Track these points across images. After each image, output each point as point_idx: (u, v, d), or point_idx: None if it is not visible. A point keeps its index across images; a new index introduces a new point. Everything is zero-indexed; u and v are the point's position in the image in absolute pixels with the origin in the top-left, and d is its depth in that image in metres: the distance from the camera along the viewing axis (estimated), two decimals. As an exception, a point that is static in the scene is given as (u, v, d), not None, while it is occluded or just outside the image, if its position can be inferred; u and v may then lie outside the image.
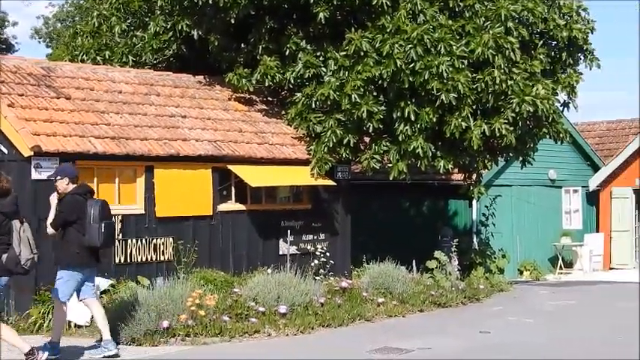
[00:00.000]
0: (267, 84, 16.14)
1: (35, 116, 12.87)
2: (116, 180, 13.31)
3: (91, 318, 10.85)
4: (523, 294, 17.78)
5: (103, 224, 9.77)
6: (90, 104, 14.10)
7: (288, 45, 15.86)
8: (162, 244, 13.68)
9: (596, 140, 28.82)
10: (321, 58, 15.76)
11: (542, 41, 16.53)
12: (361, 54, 15.04)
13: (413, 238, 20.16)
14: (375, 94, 15.21)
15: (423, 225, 21.79)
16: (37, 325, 11.53)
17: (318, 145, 15.55)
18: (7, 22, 37.68)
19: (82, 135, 12.99)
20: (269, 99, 17.23)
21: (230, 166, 14.59)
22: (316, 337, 11.94)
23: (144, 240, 13.46)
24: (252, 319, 12.01)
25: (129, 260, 13.25)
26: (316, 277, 14.54)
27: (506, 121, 15.53)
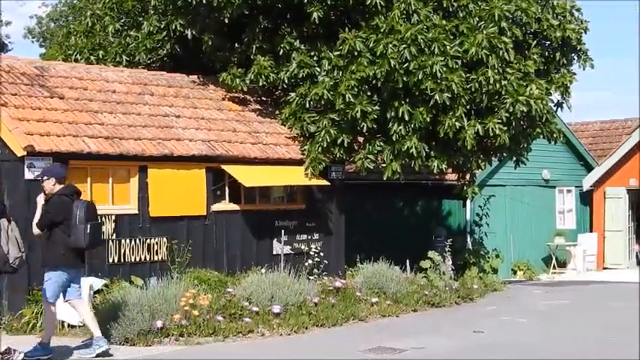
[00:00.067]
0: (261, 84, 16.15)
1: (28, 116, 12.85)
2: (110, 180, 13.29)
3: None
4: (517, 294, 17.80)
5: (88, 225, 9.75)
6: (83, 104, 14.08)
7: (282, 45, 15.87)
8: (156, 244, 13.66)
9: (590, 140, 28.86)
10: (315, 57, 15.76)
11: (535, 41, 16.55)
12: (355, 54, 15.04)
13: (407, 238, 20.18)
14: (369, 94, 15.21)
15: (416, 225, 21.81)
16: (31, 325, 11.51)
17: (312, 145, 15.54)
18: (0, 21, 37.60)
19: (75, 135, 12.97)
20: (263, 99, 17.23)
21: (224, 166, 14.58)
22: (310, 337, 11.94)
23: (137, 240, 13.44)
24: (246, 318, 12.01)
25: (122, 260, 13.23)
26: (310, 277, 14.55)
27: (500, 121, 15.54)
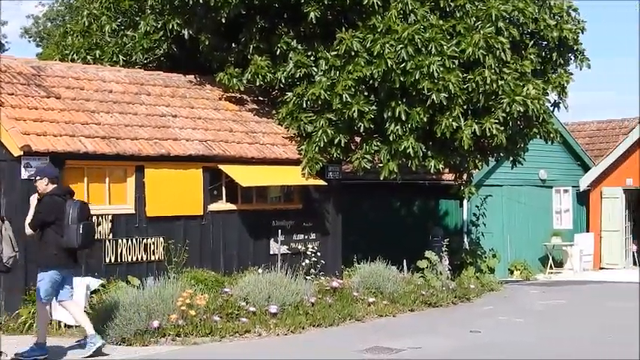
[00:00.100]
0: (258, 83, 16.14)
1: (25, 115, 12.84)
2: (106, 180, 13.28)
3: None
4: (513, 293, 17.81)
5: (81, 225, 9.74)
6: (80, 104, 14.06)
7: (279, 44, 15.86)
8: (153, 243, 13.65)
9: (587, 140, 28.88)
10: (312, 57, 15.76)
11: (532, 41, 16.56)
12: (352, 54, 15.05)
13: (404, 237, 20.18)
14: (366, 93, 15.22)
15: (413, 225, 21.81)
16: (27, 325, 11.49)
17: (309, 145, 15.54)
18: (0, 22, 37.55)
19: (72, 134, 12.96)
20: (260, 99, 17.22)
21: (221, 166, 14.57)
22: (307, 337, 11.93)
23: (134, 240, 13.43)
24: (243, 318, 12.01)
25: (119, 260, 13.21)
26: (307, 277, 14.55)
27: (497, 121, 15.55)
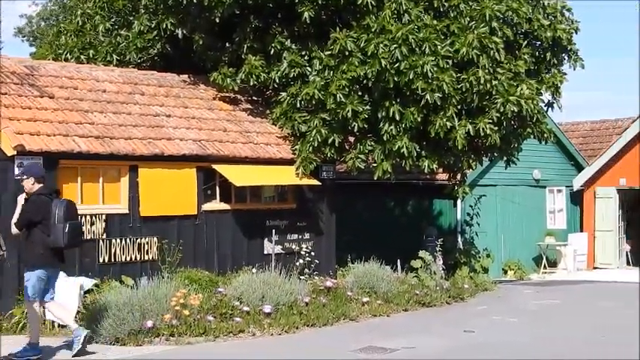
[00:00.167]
0: (251, 83, 16.14)
1: (18, 115, 12.81)
2: (100, 179, 13.26)
3: (74, 317, 10.80)
4: (507, 293, 17.83)
5: (67, 224, 9.72)
6: (74, 103, 14.04)
7: (272, 44, 15.86)
8: (147, 243, 13.63)
9: (580, 140, 28.93)
10: (306, 57, 15.76)
11: (526, 41, 16.58)
12: (346, 53, 15.05)
13: (398, 237, 20.18)
14: (360, 93, 15.22)
15: (407, 224, 21.82)
16: (20, 325, 11.46)
17: (303, 145, 15.54)
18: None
19: (65, 134, 12.93)
20: (254, 98, 17.21)
21: (215, 166, 14.56)
22: (301, 337, 11.93)
23: (128, 239, 13.41)
24: (237, 318, 12.00)
25: (113, 260, 13.19)
26: (301, 277, 14.55)
27: (491, 121, 15.57)
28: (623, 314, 14.35)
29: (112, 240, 13.21)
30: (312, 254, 15.87)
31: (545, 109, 17.47)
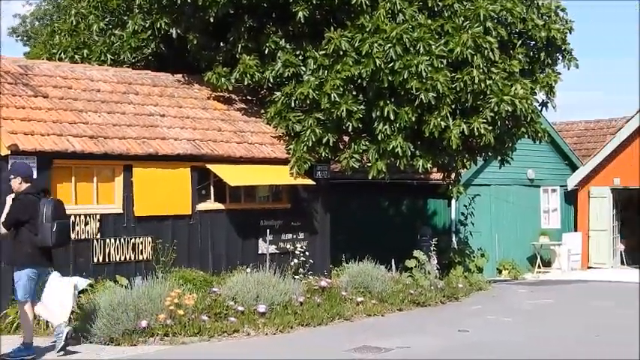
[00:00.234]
0: (246, 83, 16.12)
1: (12, 115, 12.78)
2: (94, 179, 13.23)
3: (68, 318, 10.77)
4: (502, 293, 17.85)
5: (55, 224, 9.71)
6: (68, 103, 14.01)
7: (267, 44, 15.84)
8: (141, 243, 13.61)
9: (575, 140, 28.98)
10: (301, 57, 15.75)
11: (520, 41, 16.58)
12: (340, 53, 15.04)
13: (392, 237, 20.17)
14: (355, 93, 15.22)
15: (402, 224, 21.83)
16: (15, 326, 11.44)
17: (297, 144, 15.53)
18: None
19: (59, 134, 12.91)
20: (248, 98, 17.20)
21: (209, 166, 14.54)
22: (295, 337, 11.93)
23: (122, 239, 13.39)
24: (231, 318, 12.00)
25: (107, 260, 13.17)
26: (295, 277, 14.56)
27: (485, 121, 15.57)
28: (617, 314, 14.39)
29: (107, 240, 13.19)
30: (307, 254, 15.87)
31: (540, 108, 17.47)
